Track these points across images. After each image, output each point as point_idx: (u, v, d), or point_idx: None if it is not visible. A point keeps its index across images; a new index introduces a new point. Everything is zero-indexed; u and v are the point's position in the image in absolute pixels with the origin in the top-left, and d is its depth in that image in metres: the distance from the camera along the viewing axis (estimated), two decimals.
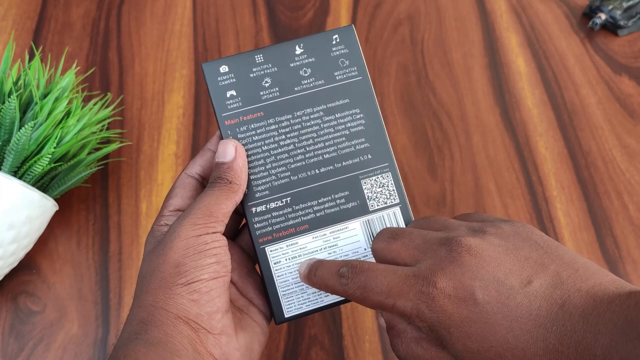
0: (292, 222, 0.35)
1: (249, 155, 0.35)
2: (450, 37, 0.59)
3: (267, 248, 0.34)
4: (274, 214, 0.35)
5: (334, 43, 0.36)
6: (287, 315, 0.34)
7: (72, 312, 0.46)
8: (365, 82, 0.36)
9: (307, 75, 0.36)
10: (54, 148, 0.44)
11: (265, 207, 0.35)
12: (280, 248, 0.35)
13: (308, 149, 0.35)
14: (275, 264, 0.34)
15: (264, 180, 0.35)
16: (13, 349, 0.44)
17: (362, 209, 0.35)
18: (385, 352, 0.44)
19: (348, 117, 0.35)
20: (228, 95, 0.35)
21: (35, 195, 0.43)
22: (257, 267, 0.36)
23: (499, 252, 0.28)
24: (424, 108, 0.55)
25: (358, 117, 0.35)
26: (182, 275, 0.30)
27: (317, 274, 0.32)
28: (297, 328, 0.45)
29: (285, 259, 0.35)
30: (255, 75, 0.35)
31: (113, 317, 0.46)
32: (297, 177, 0.35)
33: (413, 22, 0.61)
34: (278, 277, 0.34)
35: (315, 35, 0.36)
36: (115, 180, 0.52)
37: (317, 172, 0.35)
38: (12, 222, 0.41)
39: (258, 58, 0.35)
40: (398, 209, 0.35)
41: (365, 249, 0.35)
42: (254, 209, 0.35)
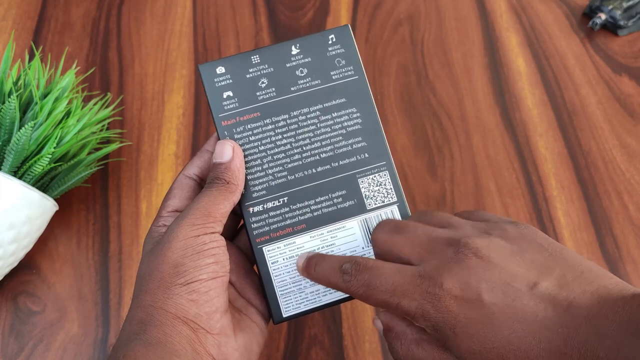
0: (289, 221, 0.35)
1: (246, 156, 0.35)
2: (450, 37, 0.59)
3: (264, 248, 0.34)
4: (271, 214, 0.35)
5: (330, 43, 0.36)
6: (285, 315, 0.34)
7: (72, 312, 0.46)
8: (362, 81, 0.36)
9: (303, 75, 0.35)
10: (54, 148, 0.44)
11: (263, 207, 0.35)
12: (278, 248, 0.35)
13: (305, 149, 0.35)
14: (273, 264, 0.34)
15: (261, 180, 0.35)
16: (13, 349, 0.44)
17: (359, 208, 0.35)
18: (385, 352, 0.44)
19: (345, 116, 0.35)
20: (225, 96, 0.35)
21: (35, 195, 0.43)
22: (255, 267, 0.36)
23: (505, 254, 0.28)
24: (424, 108, 0.55)
25: (355, 116, 0.35)
26: (180, 276, 0.30)
27: (317, 269, 0.32)
28: (297, 328, 0.45)
29: (283, 259, 0.34)
30: (252, 76, 0.35)
31: (113, 317, 0.46)
32: (294, 176, 0.35)
33: (413, 22, 0.61)
34: (276, 276, 0.34)
35: (311, 36, 0.36)
36: (115, 180, 0.52)
37: (314, 171, 0.35)
38: (12, 222, 0.42)
39: (254, 59, 0.35)
40: (396, 208, 0.35)
41: (363, 248, 0.35)
42: (251, 209, 0.35)
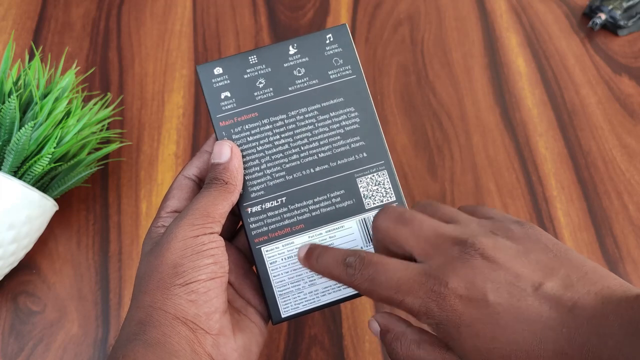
0: (287, 221, 0.35)
1: (244, 156, 0.35)
2: (450, 37, 0.59)
3: (263, 248, 0.34)
4: (270, 214, 0.35)
5: (328, 42, 0.36)
6: (284, 316, 0.34)
7: (72, 312, 0.46)
8: (360, 80, 0.36)
9: (301, 75, 0.35)
10: (54, 148, 0.44)
11: (261, 207, 0.35)
12: (276, 248, 0.35)
13: (303, 149, 0.35)
14: (272, 264, 0.34)
15: (259, 181, 0.35)
16: (13, 349, 0.44)
17: (358, 208, 0.35)
18: (386, 352, 0.44)
19: (343, 115, 0.35)
20: (222, 97, 0.35)
21: (35, 195, 0.43)
22: (254, 267, 0.36)
23: (511, 255, 0.28)
24: (424, 108, 0.55)
25: (353, 115, 0.35)
26: (179, 276, 0.30)
27: (320, 260, 0.32)
28: (297, 328, 0.45)
29: (282, 259, 0.34)
30: (249, 76, 0.35)
31: (113, 317, 0.46)
32: (292, 176, 0.35)
33: (413, 22, 0.61)
34: (274, 277, 0.34)
35: (309, 35, 0.36)
36: (115, 180, 0.52)
37: (312, 171, 0.35)
38: (12, 222, 0.42)
39: (252, 59, 0.35)
40: None
41: (362, 248, 0.35)
42: (250, 209, 0.35)
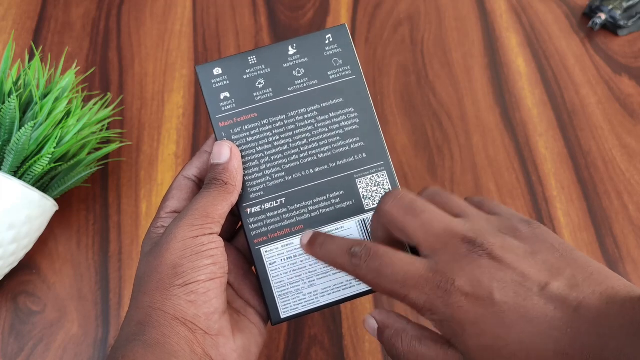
0: (287, 222, 0.35)
1: (243, 157, 0.34)
2: (450, 37, 0.59)
3: (262, 249, 0.34)
4: (269, 215, 0.35)
5: (327, 43, 0.36)
6: (283, 316, 0.34)
7: (72, 312, 0.46)
8: (359, 81, 0.36)
9: (300, 76, 0.35)
10: (54, 148, 0.44)
11: (260, 207, 0.35)
12: (276, 249, 0.34)
13: (302, 149, 0.35)
14: (271, 265, 0.34)
15: (259, 181, 0.35)
16: (13, 349, 0.44)
17: (357, 208, 0.35)
18: (386, 352, 0.44)
19: (342, 116, 0.35)
20: (222, 97, 0.35)
21: (35, 195, 0.43)
22: (253, 268, 0.36)
23: (518, 254, 0.28)
24: (424, 108, 0.55)
25: (352, 116, 0.35)
26: (179, 277, 0.30)
27: (324, 247, 0.32)
28: (297, 328, 0.45)
29: (281, 260, 0.34)
30: (249, 77, 0.35)
31: (113, 317, 0.46)
32: (291, 177, 0.35)
33: (413, 22, 0.61)
34: (274, 277, 0.34)
35: (308, 36, 0.36)
36: (115, 180, 0.52)
37: (311, 172, 0.35)
38: (12, 222, 0.42)
39: (251, 59, 0.35)
40: None
41: None
42: (249, 210, 0.35)
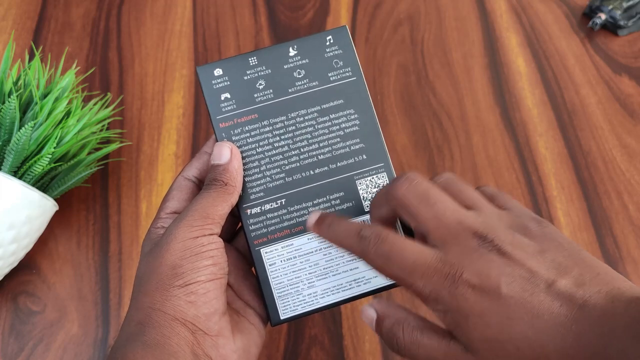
0: (287, 223, 0.35)
1: (244, 158, 0.34)
2: (450, 37, 0.59)
3: (262, 250, 0.34)
4: (269, 216, 0.35)
5: (328, 44, 0.36)
6: (282, 317, 0.34)
7: (72, 312, 0.46)
8: (360, 82, 0.36)
9: (301, 77, 0.35)
10: (54, 148, 0.44)
11: (260, 208, 0.35)
12: (276, 250, 0.34)
13: (302, 151, 0.35)
14: (271, 266, 0.34)
15: (259, 182, 0.35)
16: (13, 349, 0.44)
17: (357, 210, 0.35)
18: (386, 352, 0.44)
19: (342, 117, 0.35)
20: (222, 98, 0.35)
21: (35, 195, 0.43)
22: (253, 269, 0.36)
23: (527, 252, 0.28)
24: (424, 108, 0.55)
25: (352, 117, 0.35)
26: (179, 277, 0.30)
27: (332, 228, 0.31)
28: (297, 328, 0.45)
29: (281, 261, 0.34)
30: (249, 78, 0.35)
31: (113, 317, 0.46)
32: (291, 178, 0.35)
33: (413, 22, 0.61)
34: (273, 278, 0.34)
35: (309, 37, 0.36)
36: (115, 180, 0.52)
37: (311, 173, 0.35)
38: (12, 222, 0.42)
39: (252, 60, 0.35)
40: None
41: None
42: (249, 211, 0.35)
